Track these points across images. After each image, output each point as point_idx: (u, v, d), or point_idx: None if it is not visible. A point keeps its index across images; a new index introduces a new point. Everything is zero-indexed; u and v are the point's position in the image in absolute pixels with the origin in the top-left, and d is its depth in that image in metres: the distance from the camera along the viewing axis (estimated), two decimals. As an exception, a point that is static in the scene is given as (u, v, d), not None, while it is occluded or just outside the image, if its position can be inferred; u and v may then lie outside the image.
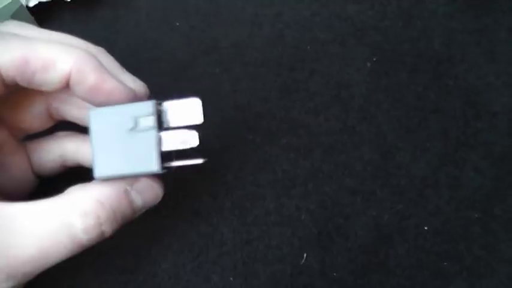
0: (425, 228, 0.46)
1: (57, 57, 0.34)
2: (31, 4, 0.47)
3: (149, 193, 0.37)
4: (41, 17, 0.49)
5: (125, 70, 0.40)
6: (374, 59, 0.50)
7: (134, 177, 0.37)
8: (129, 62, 0.49)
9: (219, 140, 0.47)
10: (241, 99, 0.48)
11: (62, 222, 0.33)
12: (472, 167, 0.47)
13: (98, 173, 0.35)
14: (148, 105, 0.35)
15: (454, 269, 0.45)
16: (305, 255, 0.45)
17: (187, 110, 0.36)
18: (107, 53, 0.40)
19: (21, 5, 0.46)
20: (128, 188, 0.36)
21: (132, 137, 0.35)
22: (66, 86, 0.35)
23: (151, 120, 0.35)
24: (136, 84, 0.39)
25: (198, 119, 0.36)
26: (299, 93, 0.49)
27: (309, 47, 0.50)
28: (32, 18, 0.47)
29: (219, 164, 0.47)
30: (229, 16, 0.50)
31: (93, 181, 0.36)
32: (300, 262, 0.45)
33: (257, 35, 0.50)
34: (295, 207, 0.46)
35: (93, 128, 0.35)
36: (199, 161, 0.37)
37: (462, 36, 0.50)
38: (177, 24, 0.50)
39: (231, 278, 0.45)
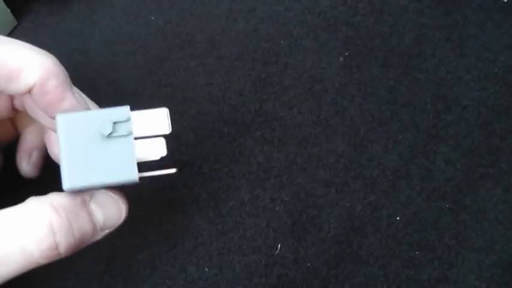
0: (397, 218, 0.47)
1: (24, 68, 0.33)
2: (7, -4, 0.47)
3: (111, 207, 0.34)
4: (17, 9, 0.49)
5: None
6: (346, 54, 0.50)
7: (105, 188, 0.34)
8: (105, 54, 0.49)
9: (194, 132, 0.48)
10: (216, 93, 0.49)
11: (13, 231, 0.31)
12: (442, 158, 0.48)
13: (68, 183, 0.31)
14: (124, 110, 0.32)
15: (426, 258, 0.46)
16: (279, 245, 0.46)
17: (155, 120, 0.34)
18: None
19: (-3, -2, 0.46)
20: (86, 198, 0.33)
21: (106, 144, 0.32)
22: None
23: (128, 126, 0.32)
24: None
25: (166, 129, 0.34)
26: (273, 87, 0.49)
27: (282, 42, 0.50)
28: (8, 10, 0.47)
29: (195, 156, 0.47)
30: (204, 11, 0.51)
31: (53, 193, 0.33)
32: (275, 253, 0.46)
33: (232, 29, 0.51)
34: (269, 198, 0.47)
35: (62, 134, 0.32)
36: (172, 170, 0.34)
37: (432, 32, 0.51)
38: (152, 18, 0.50)
39: (206, 269, 0.45)
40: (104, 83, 0.48)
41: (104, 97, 0.48)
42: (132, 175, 0.32)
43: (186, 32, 0.50)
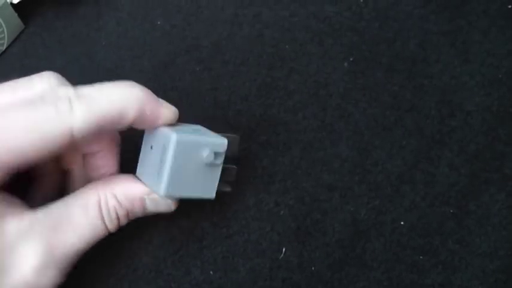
0: (402, 223, 0.47)
1: (123, 107, 0.37)
2: (15, 1, 0.47)
3: (162, 204, 0.41)
4: (25, 14, 0.49)
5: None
6: (351, 59, 0.50)
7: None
8: (111, 58, 0.49)
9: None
10: (221, 97, 0.49)
11: (92, 219, 0.38)
12: (446, 164, 0.48)
13: (164, 192, 0.38)
14: (224, 143, 0.39)
15: (430, 263, 0.46)
16: (284, 249, 0.46)
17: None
18: None
19: (6, 2, 0.46)
20: (145, 197, 0.40)
21: (202, 168, 0.39)
22: None
23: (222, 157, 0.40)
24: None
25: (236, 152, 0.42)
26: (278, 92, 0.49)
27: (287, 47, 0.51)
28: (16, 15, 0.48)
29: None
30: (209, 16, 0.51)
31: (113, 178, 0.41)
32: (279, 256, 0.46)
33: (237, 34, 0.51)
34: (274, 202, 0.47)
35: (173, 153, 0.37)
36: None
37: (437, 38, 0.51)
38: (158, 23, 0.51)
39: (211, 272, 0.45)
40: (109, 87, 0.49)
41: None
42: (211, 194, 0.41)
43: (191, 36, 0.50)
